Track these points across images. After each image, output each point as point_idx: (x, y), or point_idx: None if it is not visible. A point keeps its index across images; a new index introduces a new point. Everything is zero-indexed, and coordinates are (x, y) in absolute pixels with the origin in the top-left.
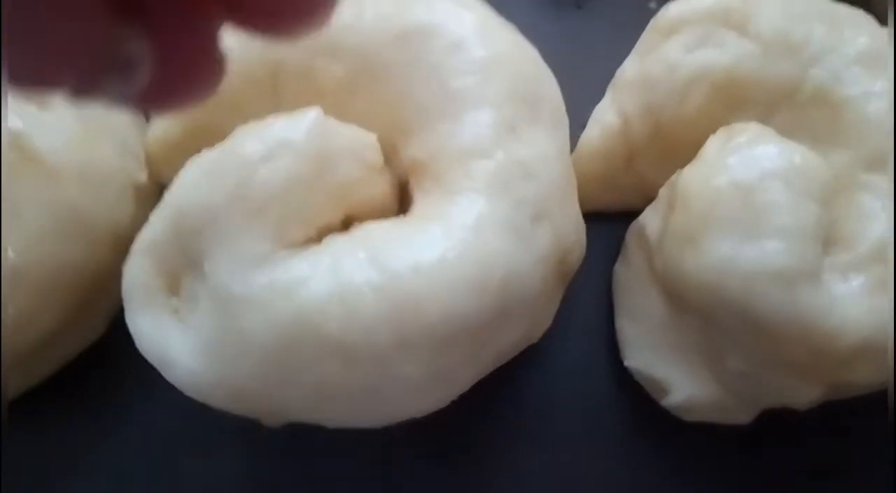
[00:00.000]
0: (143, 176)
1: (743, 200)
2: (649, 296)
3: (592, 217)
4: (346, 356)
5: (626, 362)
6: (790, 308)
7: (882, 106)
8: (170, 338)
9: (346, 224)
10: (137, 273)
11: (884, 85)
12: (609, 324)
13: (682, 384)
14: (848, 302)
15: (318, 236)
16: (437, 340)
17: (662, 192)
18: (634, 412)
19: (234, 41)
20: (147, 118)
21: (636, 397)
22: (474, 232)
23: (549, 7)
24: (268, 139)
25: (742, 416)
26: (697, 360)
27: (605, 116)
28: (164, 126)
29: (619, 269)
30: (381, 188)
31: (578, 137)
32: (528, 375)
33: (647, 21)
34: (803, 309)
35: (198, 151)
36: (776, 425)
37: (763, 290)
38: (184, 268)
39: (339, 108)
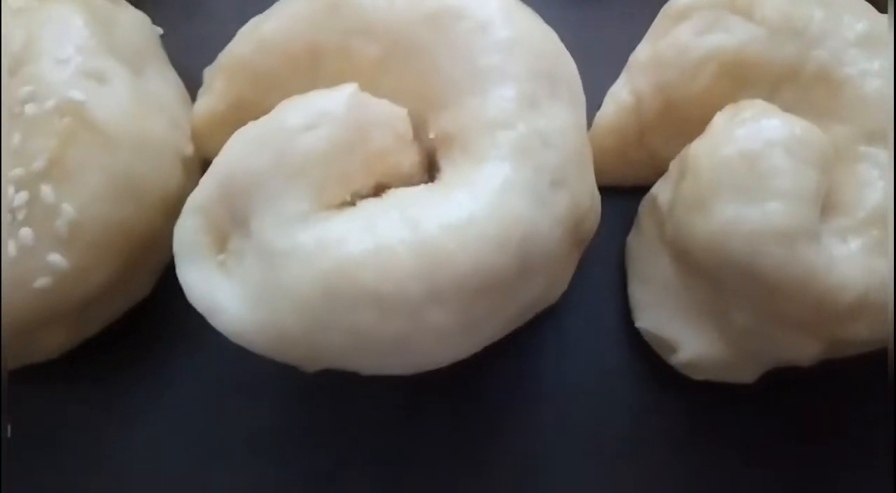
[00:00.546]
0: (189, 149)
1: (748, 167)
2: (660, 261)
3: (608, 192)
4: (381, 306)
5: (637, 324)
6: (791, 265)
7: (879, 84)
8: (217, 289)
9: (379, 191)
10: (188, 231)
11: (881, 64)
12: (621, 290)
13: (690, 343)
14: (846, 262)
15: (353, 200)
16: (466, 292)
17: (673, 164)
18: (644, 370)
19: (273, 23)
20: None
21: (646, 356)
22: (499, 195)
23: None
24: (308, 110)
25: (747, 375)
26: (705, 319)
27: (620, 95)
28: (209, 102)
29: (632, 239)
30: (410, 158)
31: (594, 116)
32: (545, 333)
33: (660, 8)
34: (803, 266)
35: (240, 125)
36: (780, 384)
37: (766, 248)
38: (230, 227)
39: (373, 84)
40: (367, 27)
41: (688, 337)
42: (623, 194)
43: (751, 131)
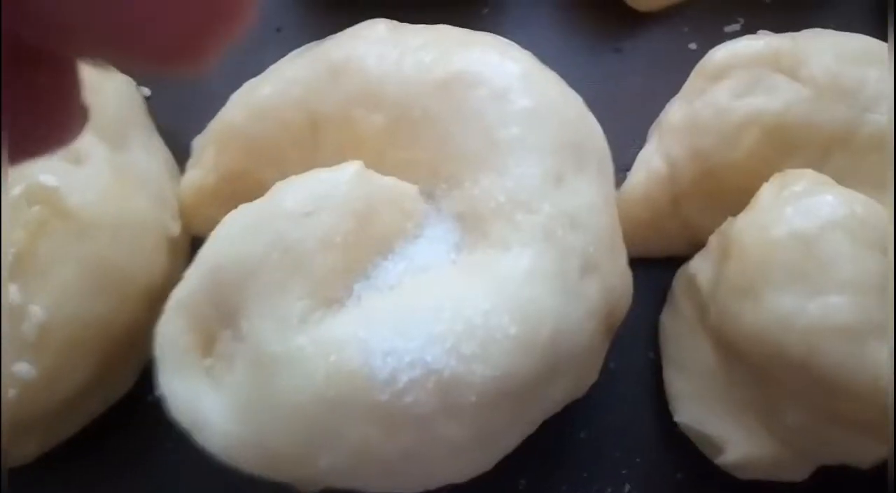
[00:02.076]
0: (176, 227)
1: (803, 252)
2: (699, 347)
3: (637, 263)
4: (388, 419)
5: (676, 418)
6: (858, 365)
7: None
8: (203, 400)
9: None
10: (172, 332)
11: None
12: (656, 375)
13: (738, 442)
14: None
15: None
16: (483, 401)
17: (713, 239)
18: (685, 469)
19: (269, 88)
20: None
21: (687, 453)
22: (523, 288)
23: (588, 51)
24: (309, 193)
25: (799, 473)
26: (752, 415)
27: (652, 161)
28: (199, 176)
29: (667, 318)
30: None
31: (620, 180)
32: (574, 431)
33: (687, 63)
34: (872, 365)
35: (233, 201)
36: (834, 481)
37: (827, 345)
38: (219, 325)
39: (379, 157)
40: (372, 95)
41: (734, 436)
42: (654, 265)
43: (804, 209)
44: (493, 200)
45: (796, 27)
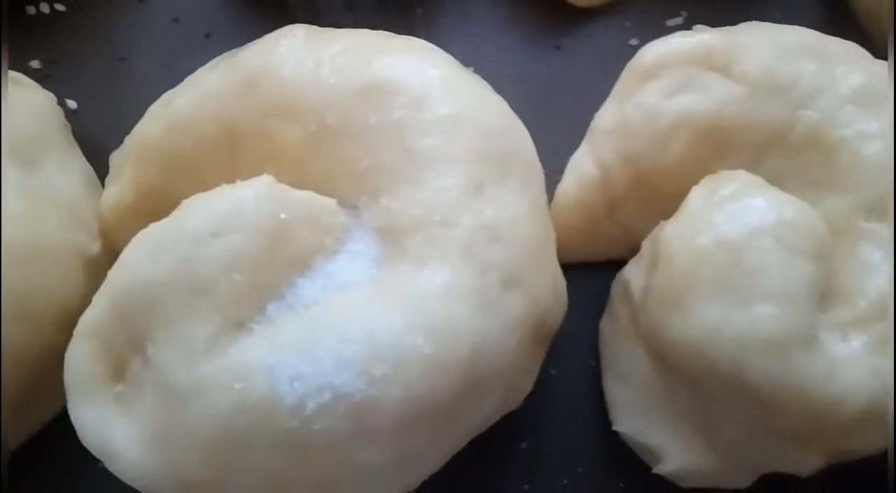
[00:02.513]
0: (95, 247)
1: (730, 261)
2: (637, 355)
3: (577, 267)
4: (298, 448)
5: (615, 427)
6: (785, 377)
7: (878, 147)
8: (113, 428)
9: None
10: (80, 360)
11: (880, 125)
12: (598, 382)
13: (675, 452)
14: (848, 365)
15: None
16: (399, 423)
17: (645, 245)
18: (628, 478)
19: (185, 100)
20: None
21: (630, 461)
22: (436, 305)
23: (527, 49)
24: (215, 212)
25: (740, 481)
26: (690, 426)
27: (583, 166)
28: (117, 192)
29: (605, 325)
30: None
31: (556, 183)
32: (516, 441)
33: (628, 59)
34: (800, 377)
35: (154, 217)
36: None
37: (756, 359)
38: (129, 350)
39: (300, 169)
40: (289, 105)
41: (672, 445)
42: (596, 269)
43: (731, 214)
44: (410, 213)
45: (741, 19)
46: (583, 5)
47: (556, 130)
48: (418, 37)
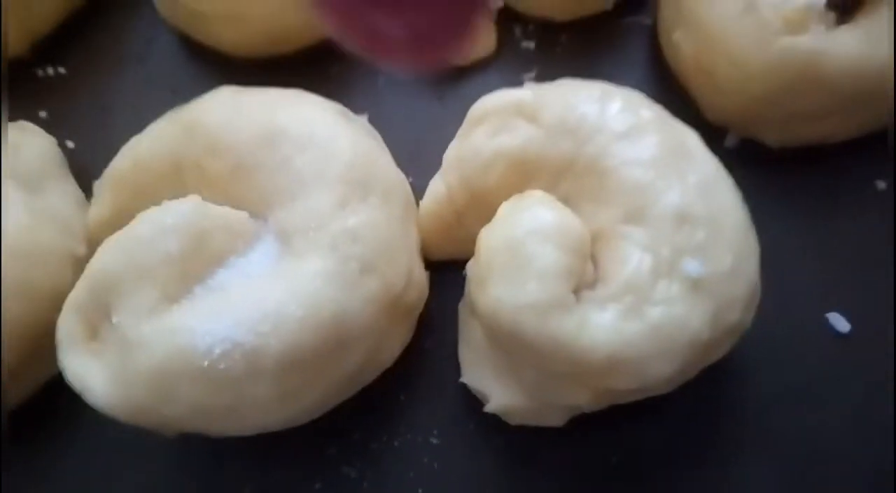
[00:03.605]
0: (82, 250)
1: (512, 253)
2: (475, 326)
3: (444, 263)
4: (209, 381)
5: (462, 379)
6: (545, 333)
7: (637, 172)
8: (88, 371)
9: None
10: (66, 325)
11: (639, 154)
12: (457, 350)
13: (498, 394)
14: (598, 327)
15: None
16: (279, 367)
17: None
18: (476, 420)
19: (146, 143)
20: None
21: (478, 407)
22: (308, 283)
23: (417, 99)
24: (156, 222)
25: (555, 420)
26: (508, 374)
27: (436, 187)
28: (98, 211)
29: (461, 306)
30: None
31: None
32: (396, 393)
33: None
34: (556, 332)
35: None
36: (585, 427)
37: (526, 320)
38: (100, 318)
39: (224, 192)
40: (216, 147)
41: (496, 390)
42: (460, 266)
43: (518, 221)
44: (295, 222)
45: (581, 73)
46: (462, 64)
47: (436, 160)
48: (335, 90)
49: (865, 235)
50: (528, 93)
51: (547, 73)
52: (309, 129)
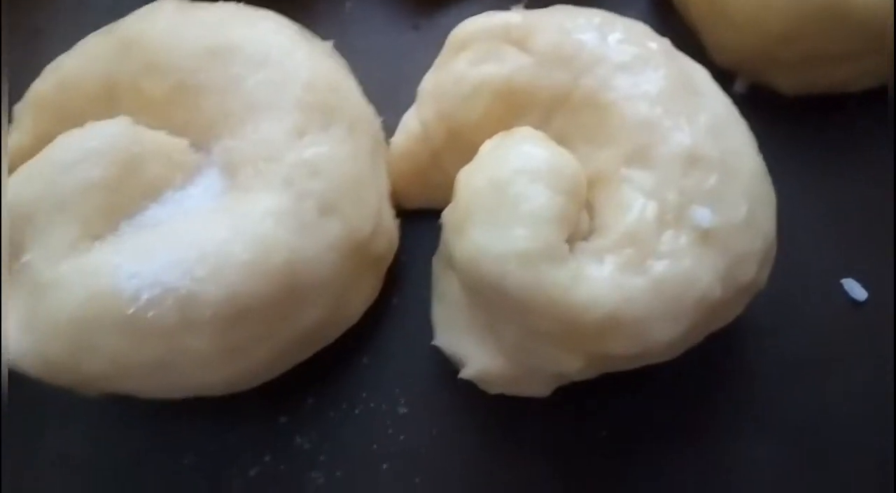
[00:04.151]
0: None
1: (497, 194)
2: (451, 281)
3: (418, 212)
4: (135, 331)
5: (434, 342)
6: (535, 285)
7: (642, 107)
8: (6, 320)
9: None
10: None
11: (644, 88)
12: (429, 308)
13: (475, 358)
14: (597, 281)
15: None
16: (219, 316)
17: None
18: (449, 388)
19: (73, 62)
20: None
21: (452, 373)
22: (257, 223)
23: (390, 27)
24: (78, 145)
25: (539, 389)
26: (487, 337)
27: (409, 123)
28: (18, 138)
29: (435, 259)
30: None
31: None
32: (358, 357)
33: None
34: (548, 286)
35: None
36: (573, 398)
37: (512, 270)
38: (12, 258)
39: (164, 117)
40: (156, 65)
41: (473, 354)
42: (436, 215)
43: (503, 159)
44: (243, 151)
45: (577, 3)
46: None
47: (409, 97)
48: (296, 15)
49: (885, 196)
50: (518, 16)
51: (537, 4)
52: (264, 46)
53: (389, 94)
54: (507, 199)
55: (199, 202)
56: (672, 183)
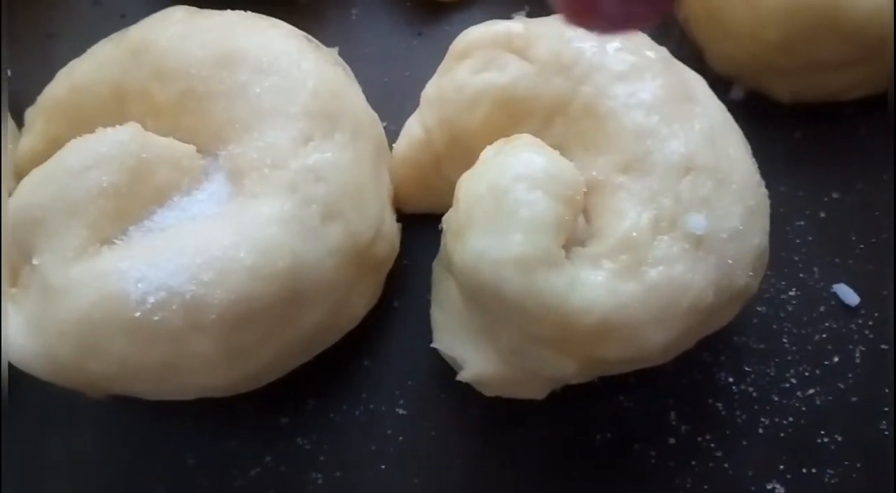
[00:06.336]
0: (12, 185)
1: (496, 201)
2: (450, 285)
3: (419, 217)
4: (142, 334)
5: (433, 344)
6: (531, 291)
7: (638, 116)
8: (8, 320)
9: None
10: None
11: (641, 96)
12: (429, 311)
13: (473, 361)
14: (592, 286)
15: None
16: (224, 320)
17: (455, 193)
18: (448, 390)
19: (85, 67)
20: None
21: (448, 375)
22: (262, 228)
23: (394, 34)
24: (87, 152)
25: (535, 392)
26: (484, 339)
27: (412, 128)
28: (30, 142)
29: (435, 263)
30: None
31: None
32: (359, 359)
33: None
34: (543, 291)
35: None
36: (569, 401)
37: (509, 275)
38: (20, 260)
39: (172, 123)
40: (165, 71)
41: (471, 357)
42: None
43: (501, 167)
44: (249, 158)
45: None
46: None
47: (413, 103)
48: (303, 22)
49: (878, 204)
50: (519, 25)
51: (539, 13)
52: (271, 53)
53: (393, 99)
54: (506, 205)
55: (205, 207)
56: (667, 190)
